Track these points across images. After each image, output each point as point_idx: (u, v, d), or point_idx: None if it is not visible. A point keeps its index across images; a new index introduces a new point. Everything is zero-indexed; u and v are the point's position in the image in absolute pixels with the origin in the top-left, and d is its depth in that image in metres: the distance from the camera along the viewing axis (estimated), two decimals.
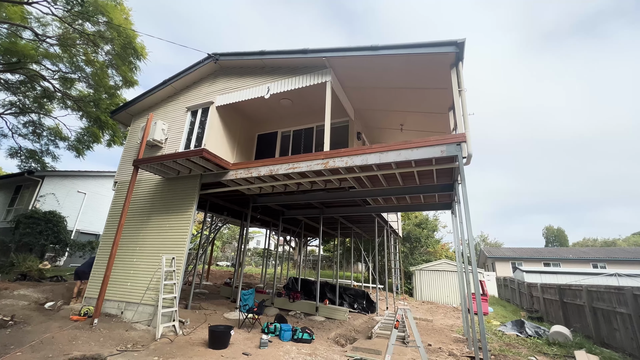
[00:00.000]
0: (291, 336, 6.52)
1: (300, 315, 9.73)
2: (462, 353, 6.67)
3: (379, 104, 8.72)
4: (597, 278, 14.71)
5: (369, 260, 18.01)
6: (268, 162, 6.99)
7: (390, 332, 4.47)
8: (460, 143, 5.33)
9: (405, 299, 18.19)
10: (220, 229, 14.74)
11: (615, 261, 22.76)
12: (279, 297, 10.75)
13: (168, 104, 9.60)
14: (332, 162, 6.30)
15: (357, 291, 12.31)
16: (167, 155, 7.14)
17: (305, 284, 13.25)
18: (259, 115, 9.90)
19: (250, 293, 7.73)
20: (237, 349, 5.76)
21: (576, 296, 9.34)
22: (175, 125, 9.02)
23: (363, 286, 16.54)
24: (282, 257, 19.94)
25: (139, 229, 8.06)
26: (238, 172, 7.33)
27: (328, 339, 7.31)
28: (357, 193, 8.52)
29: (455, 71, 5.89)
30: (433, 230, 20.69)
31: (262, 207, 11.12)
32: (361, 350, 6.23)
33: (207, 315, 8.34)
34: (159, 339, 5.91)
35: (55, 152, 15.20)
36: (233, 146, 9.29)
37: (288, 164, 6.74)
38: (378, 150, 5.92)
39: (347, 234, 17.78)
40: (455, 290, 17.54)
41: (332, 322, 9.26)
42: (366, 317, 10.56)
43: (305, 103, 8.93)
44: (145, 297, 7.03)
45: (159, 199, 8.21)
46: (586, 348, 7.32)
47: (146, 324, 6.82)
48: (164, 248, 7.44)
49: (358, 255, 21.75)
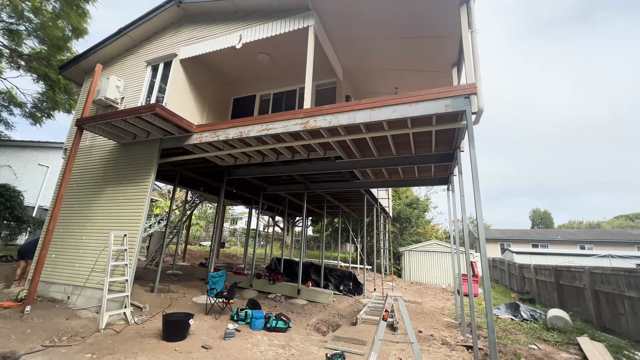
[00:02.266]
0: (263, 324, 5.66)
1: (280, 299, 8.93)
2: (457, 341, 5.96)
3: (371, 61, 7.55)
4: (589, 259, 14.44)
5: (358, 241, 17.35)
6: (238, 122, 5.85)
7: (379, 323, 3.58)
8: (469, 95, 4.30)
9: (393, 280, 17.76)
10: (197, 205, 13.64)
11: (602, 242, 22.82)
12: (259, 279, 9.90)
13: (126, 58, 8.19)
14: (312, 122, 5.21)
15: (343, 272, 11.59)
16: (115, 112, 5.90)
17: (289, 265, 12.45)
18: (235, 75, 8.61)
19: (219, 275, 6.79)
20: (197, 341, 4.85)
21: (575, 278, 8.77)
22: (134, 83, 7.69)
23: (351, 267, 15.93)
24: (269, 238, 19.13)
25: (90, 203, 6.91)
26: (203, 136, 6.18)
27: (308, 326, 6.51)
28: (344, 164, 7.51)
29: (465, 7, 4.76)
30: (424, 210, 20.09)
31: (239, 181, 10.03)
32: (343, 340, 5.42)
33: (173, 300, 7.41)
34: (102, 330, 4.94)
35: (10, 119, 13.54)
36: (203, 110, 8.06)
37: (261, 125, 5.62)
38: (368, 106, 4.84)
39: (334, 213, 16.95)
40: (444, 272, 17.15)
41: (314, 305, 8.48)
42: (352, 300, 9.85)
43: (287, 60, 7.69)
44: (91, 280, 6.01)
45: (113, 167, 7.02)
46: (588, 334, 6.74)
47: (95, 310, 5.83)
48: (117, 224, 6.35)
49: (346, 236, 21.11)
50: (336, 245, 27.55)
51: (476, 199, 3.95)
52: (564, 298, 9.52)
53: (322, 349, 4.97)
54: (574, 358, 5.40)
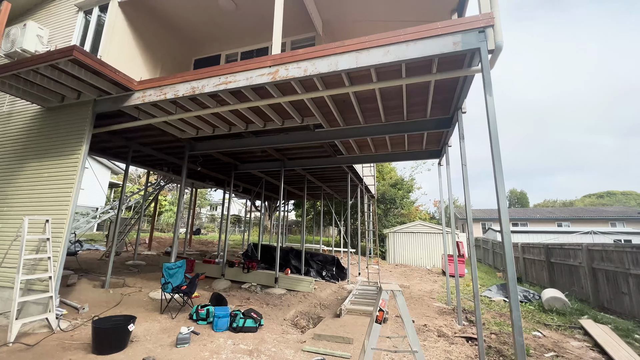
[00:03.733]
0: (228, 324, 4.67)
1: (255, 289, 7.97)
2: (455, 332, 5.24)
3: (356, 11, 6.38)
4: (572, 236, 14.40)
5: (341, 224, 16.59)
6: (190, 76, 4.60)
7: (370, 326, 2.65)
8: (484, 29, 3.30)
9: (377, 262, 17.26)
10: (162, 187, 12.26)
11: (578, 220, 23.34)
12: (232, 267, 8.86)
13: (52, 3, 6.58)
14: (283, 71, 4.06)
15: (326, 257, 10.76)
16: (20, 61, 4.47)
17: (267, 250, 11.48)
18: (195, 30, 7.20)
19: (177, 266, 5.70)
20: (139, 352, 3.80)
21: (569, 256, 8.33)
22: (62, 33, 6.17)
23: (334, 251, 15.21)
24: (249, 223, 18.03)
25: (7, 181, 5.52)
26: (146, 94, 4.89)
27: (284, 321, 5.60)
28: (325, 134, 6.45)
29: None
30: (408, 191, 19.52)
31: (204, 158, 8.76)
32: (325, 339, 4.54)
33: (125, 296, 6.27)
34: (10, 344, 3.78)
35: None
36: (155, 72, 6.67)
37: (218, 78, 4.41)
38: (355, 47, 3.75)
39: (316, 195, 16.01)
40: (429, 253, 16.81)
41: (294, 295, 7.59)
42: (336, 286, 9.06)
43: (257, 11, 6.38)
44: (4, 278, 4.75)
45: (36, 137, 5.60)
46: (589, 315, 6.24)
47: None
48: (40, 207, 5.05)
49: (329, 219, 20.34)
50: (318, 228, 26.87)
51: (497, 172, 3.02)
52: (555, 277, 9.14)
53: (299, 352, 4.06)
54: (584, 346, 4.80)
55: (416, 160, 7.80)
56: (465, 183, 4.63)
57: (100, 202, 19.02)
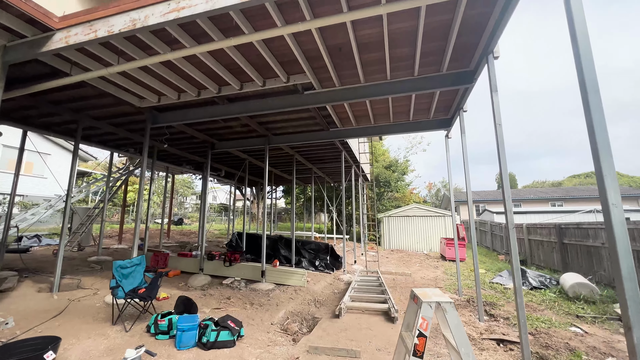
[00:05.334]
0: (197, 338, 3.57)
1: (239, 284, 6.89)
2: (480, 333, 4.32)
3: None
4: (574, 215, 13.87)
5: (334, 209, 15.60)
6: (128, 3, 3.30)
7: None
8: None
9: (372, 248, 16.48)
10: (132, 172, 10.86)
11: (570, 199, 23.14)
12: (211, 260, 7.73)
13: None
14: None
15: (318, 245, 9.75)
16: None
17: (254, 240, 10.37)
18: None
19: (134, 264, 4.52)
20: None
21: (587, 236, 7.56)
22: None
23: (326, 238, 14.25)
24: (233, 210, 16.82)
25: None
26: (72, 34, 3.55)
27: (272, 326, 4.55)
28: (316, 98, 5.26)
29: None
30: (403, 173, 18.62)
31: (174, 136, 7.44)
32: (325, 352, 3.52)
33: (73, 302, 5.07)
34: None
35: None
36: None
37: (167, 3, 3.13)
38: None
39: (306, 179, 14.87)
40: (425, 237, 16.09)
41: (283, 290, 6.55)
42: (331, 277, 8.08)
43: None
44: None
45: None
46: None
47: None
48: None
49: (320, 205, 19.33)
50: (310, 215, 25.89)
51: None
52: (568, 259, 8.41)
53: None
54: None
55: (422, 132, 6.73)
56: (500, 146, 3.58)
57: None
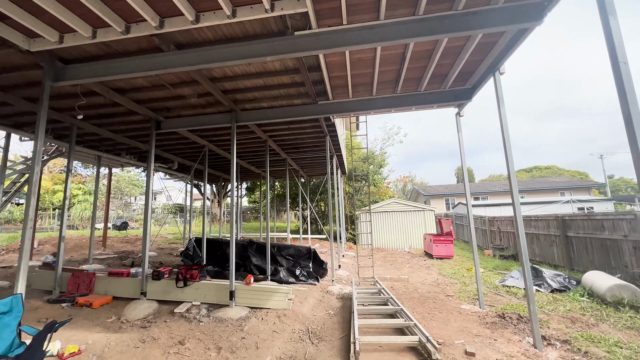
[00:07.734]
0: None
1: (198, 313, 4.99)
2: None
3: None
4: (552, 206, 13.82)
5: (309, 207, 13.97)
6: None
7: None
8: None
9: (350, 248, 15.19)
10: (48, 161, 8.17)
11: (533, 191, 24.08)
12: (158, 279, 5.67)
13: None
14: None
15: (298, 249, 8.07)
16: None
17: (217, 246, 8.38)
18: None
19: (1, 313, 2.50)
20: None
21: (602, 228, 6.84)
22: None
23: (301, 239, 12.58)
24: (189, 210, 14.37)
25: None
26: None
27: None
28: (310, 41, 3.58)
29: None
30: (380, 166, 17.60)
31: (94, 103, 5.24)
32: None
33: None
34: None
35: None
36: None
37: None
38: None
39: (279, 172, 13.04)
40: (406, 233, 15.17)
41: (262, 318, 4.79)
42: (318, 291, 6.46)
43: None
44: None
45: None
46: None
47: None
48: None
49: (292, 202, 17.59)
50: (279, 213, 23.96)
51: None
52: (573, 253, 7.74)
53: None
54: None
55: (433, 108, 5.31)
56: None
57: None
